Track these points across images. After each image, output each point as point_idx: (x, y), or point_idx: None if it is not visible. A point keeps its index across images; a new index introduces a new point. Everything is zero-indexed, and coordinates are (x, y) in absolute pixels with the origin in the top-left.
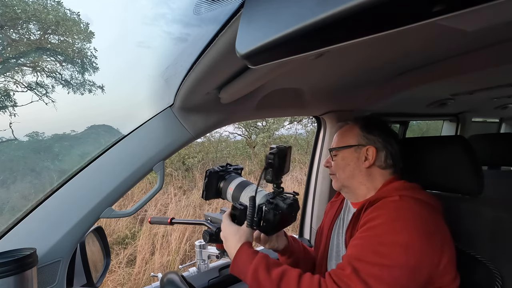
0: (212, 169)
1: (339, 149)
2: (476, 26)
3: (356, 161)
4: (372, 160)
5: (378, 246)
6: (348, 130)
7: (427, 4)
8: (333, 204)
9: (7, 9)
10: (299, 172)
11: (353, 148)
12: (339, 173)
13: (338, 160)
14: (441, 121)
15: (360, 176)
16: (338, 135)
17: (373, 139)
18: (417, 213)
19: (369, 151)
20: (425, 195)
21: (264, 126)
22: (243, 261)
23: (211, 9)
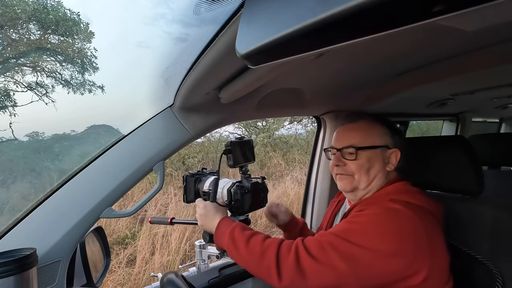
0: (188, 173)
1: (364, 148)
2: (476, 26)
3: (382, 163)
4: (395, 164)
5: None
6: (371, 127)
7: (427, 4)
8: (333, 204)
9: (7, 9)
10: (299, 172)
11: (380, 149)
12: (361, 175)
13: (362, 161)
14: (441, 121)
15: (381, 179)
16: (356, 131)
17: (398, 141)
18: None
19: (393, 155)
20: (421, 199)
21: (264, 126)
22: (224, 227)
23: (211, 9)
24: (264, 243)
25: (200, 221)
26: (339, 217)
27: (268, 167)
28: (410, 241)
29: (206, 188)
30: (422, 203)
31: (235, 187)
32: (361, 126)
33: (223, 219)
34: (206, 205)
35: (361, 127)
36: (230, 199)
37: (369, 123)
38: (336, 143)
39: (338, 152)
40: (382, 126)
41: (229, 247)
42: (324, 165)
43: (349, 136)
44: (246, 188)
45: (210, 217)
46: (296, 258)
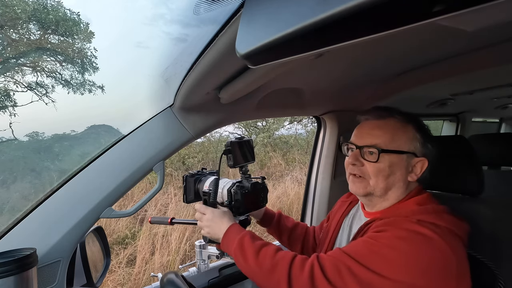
0: (188, 174)
1: (389, 152)
2: (476, 26)
3: (404, 171)
4: (419, 174)
5: (375, 252)
6: (401, 128)
7: (427, 4)
8: (343, 204)
9: (7, 9)
10: (299, 172)
11: (406, 155)
12: (378, 180)
13: (383, 165)
14: (441, 121)
15: (401, 188)
16: (382, 130)
17: (430, 150)
18: (434, 244)
19: (419, 164)
20: (448, 220)
21: (264, 126)
22: (232, 234)
23: (211, 9)
24: (276, 256)
25: (205, 227)
26: (349, 220)
27: (268, 167)
28: (439, 276)
29: (206, 188)
30: (450, 225)
31: (235, 187)
32: (390, 125)
33: (232, 225)
34: (213, 210)
35: (390, 126)
36: (230, 199)
37: (399, 123)
38: (357, 140)
39: (358, 150)
40: (414, 129)
41: (236, 256)
42: (324, 165)
43: (374, 135)
44: (246, 188)
45: (217, 223)
46: (310, 278)
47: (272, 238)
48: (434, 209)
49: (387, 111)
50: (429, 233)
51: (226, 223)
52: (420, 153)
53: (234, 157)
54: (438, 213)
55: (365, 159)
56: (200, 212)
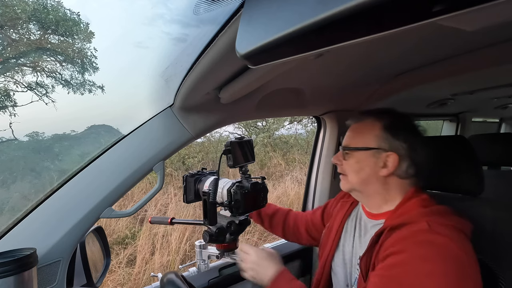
0: (188, 174)
1: (354, 149)
2: (476, 26)
3: (373, 166)
4: (391, 169)
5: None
6: (368, 127)
7: (427, 4)
8: (344, 204)
9: (7, 9)
10: (299, 172)
11: (372, 152)
12: (351, 176)
13: (352, 161)
14: (441, 121)
15: (375, 183)
16: (354, 131)
17: (397, 144)
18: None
19: (389, 158)
20: (455, 219)
21: (264, 126)
22: (283, 282)
23: (211, 9)
24: None
25: (250, 270)
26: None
27: (268, 167)
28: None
29: (206, 188)
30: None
31: (235, 187)
32: (360, 125)
33: (281, 273)
34: (257, 251)
35: (360, 127)
36: (230, 199)
37: (369, 123)
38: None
39: (340, 150)
40: (381, 127)
41: None
42: (324, 165)
43: (348, 136)
44: (246, 188)
45: (263, 266)
46: None
47: (273, 237)
48: (439, 210)
49: (365, 113)
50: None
51: (273, 268)
52: (388, 147)
53: (234, 157)
54: (444, 213)
55: (344, 159)
56: (244, 252)
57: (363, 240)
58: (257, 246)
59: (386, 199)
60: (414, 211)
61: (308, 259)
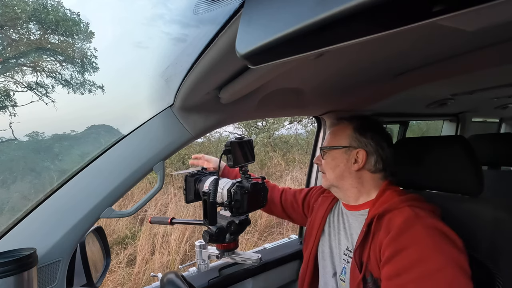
0: (188, 174)
1: (329, 148)
2: (476, 26)
3: (346, 162)
4: (361, 163)
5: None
6: (341, 129)
7: (427, 4)
8: (324, 200)
9: (7, 9)
10: (299, 172)
11: (344, 149)
12: (329, 173)
13: (328, 160)
14: (441, 121)
15: (349, 178)
16: (330, 134)
17: (364, 142)
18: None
19: (359, 154)
20: (428, 205)
21: (264, 126)
22: None
23: (211, 10)
24: None
25: None
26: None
27: (268, 167)
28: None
29: (206, 188)
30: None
31: (235, 187)
32: (335, 129)
33: None
34: None
35: (335, 129)
36: (230, 199)
37: (342, 126)
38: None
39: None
40: (352, 128)
41: None
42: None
43: (326, 138)
44: (246, 188)
45: None
46: None
47: (273, 237)
48: (414, 197)
49: (341, 119)
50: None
51: None
52: (357, 145)
53: (234, 157)
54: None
55: (323, 158)
56: None
57: (349, 232)
58: (257, 246)
59: (361, 191)
60: (394, 199)
61: None
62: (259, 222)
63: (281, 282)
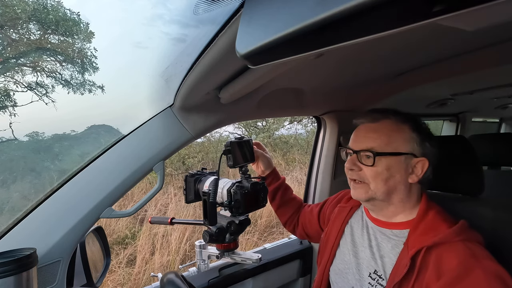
0: (188, 174)
1: (385, 155)
2: (476, 26)
3: (404, 173)
4: (421, 175)
5: None
6: (396, 129)
7: (427, 4)
8: (341, 210)
9: (7, 9)
10: (299, 172)
11: (403, 157)
12: (377, 184)
13: (380, 169)
14: (441, 121)
15: (402, 191)
16: (378, 133)
17: (429, 149)
18: (500, 278)
19: (419, 164)
20: (474, 233)
21: (264, 126)
22: None
23: (210, 10)
24: None
25: None
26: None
27: None
28: None
29: (206, 188)
30: (478, 238)
31: (235, 187)
32: (385, 127)
33: None
34: None
35: (384, 128)
36: (230, 199)
37: (394, 124)
38: (354, 144)
39: (355, 155)
40: (410, 129)
41: None
42: (324, 165)
43: (369, 138)
44: (246, 188)
45: None
46: None
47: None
48: (463, 227)
49: (382, 113)
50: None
51: None
52: (419, 153)
53: (234, 157)
54: (467, 229)
55: (362, 163)
56: None
57: (378, 254)
58: (257, 246)
59: (405, 206)
60: (443, 229)
61: (308, 259)
62: (259, 222)
63: (281, 282)
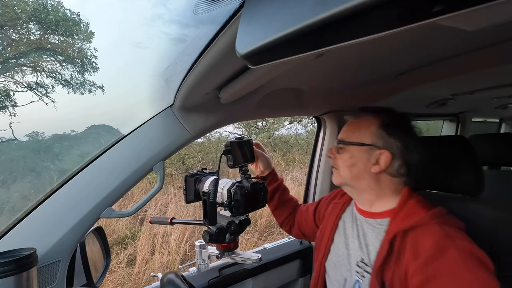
0: (188, 174)
1: (349, 143)
2: (476, 26)
3: (366, 162)
4: (383, 166)
5: None
6: (365, 124)
7: (427, 4)
8: (335, 206)
9: (7, 9)
10: (299, 172)
11: (366, 148)
12: (344, 170)
13: (345, 156)
14: (441, 121)
15: (367, 179)
16: (351, 126)
17: (391, 143)
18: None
19: (382, 156)
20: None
21: (264, 126)
22: None
23: (210, 10)
24: None
25: None
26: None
27: None
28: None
29: (206, 188)
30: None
31: (235, 187)
32: (358, 122)
33: None
34: None
35: (357, 123)
36: (230, 199)
37: (367, 120)
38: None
39: (335, 145)
40: (378, 124)
41: None
42: (324, 165)
43: (344, 130)
44: (246, 188)
45: None
46: None
47: (273, 237)
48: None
49: (364, 110)
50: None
51: None
52: (382, 145)
53: (234, 157)
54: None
55: (338, 152)
56: None
57: (364, 243)
58: (257, 246)
59: (378, 195)
60: (420, 214)
61: (308, 259)
62: (259, 222)
63: (281, 282)
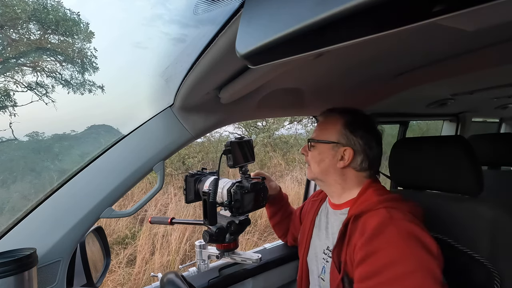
0: (188, 174)
1: (317, 141)
2: (476, 26)
3: (332, 158)
4: (347, 162)
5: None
6: (331, 123)
7: (427, 4)
8: (314, 203)
9: (7, 9)
10: (299, 172)
11: (331, 145)
12: (313, 166)
13: (314, 153)
14: (441, 121)
15: (334, 174)
16: (320, 126)
17: (353, 140)
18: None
19: (346, 152)
20: (408, 204)
21: (264, 126)
22: None
23: (210, 10)
24: None
25: None
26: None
27: (268, 167)
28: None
29: (206, 188)
30: (411, 208)
31: (235, 187)
32: (325, 121)
33: None
34: None
35: (324, 122)
36: (230, 199)
37: (333, 119)
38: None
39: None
40: (343, 124)
41: None
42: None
43: (315, 130)
44: (246, 188)
45: None
46: None
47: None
48: (393, 198)
49: (332, 111)
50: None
51: None
52: (346, 143)
53: (234, 157)
54: (398, 200)
55: (309, 150)
56: None
57: (330, 231)
58: (257, 246)
59: (344, 188)
60: (373, 199)
61: None
62: (259, 222)
63: (281, 282)
